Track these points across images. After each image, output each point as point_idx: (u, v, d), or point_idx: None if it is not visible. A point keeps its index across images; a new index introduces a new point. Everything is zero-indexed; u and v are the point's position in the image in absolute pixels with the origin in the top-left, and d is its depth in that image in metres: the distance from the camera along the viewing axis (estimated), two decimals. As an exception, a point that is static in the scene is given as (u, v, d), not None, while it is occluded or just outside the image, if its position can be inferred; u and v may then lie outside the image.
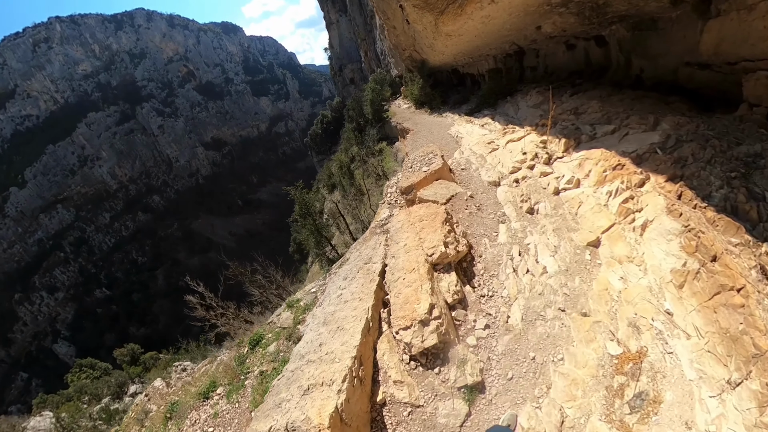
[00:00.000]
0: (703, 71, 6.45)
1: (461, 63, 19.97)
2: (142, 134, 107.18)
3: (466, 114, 16.49)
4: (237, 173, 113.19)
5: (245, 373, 6.85)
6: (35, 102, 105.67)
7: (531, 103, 11.55)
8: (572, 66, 12.70)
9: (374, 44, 55.21)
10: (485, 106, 15.26)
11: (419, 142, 15.10)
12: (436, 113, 20.59)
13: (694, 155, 4.67)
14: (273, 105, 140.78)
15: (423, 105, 22.90)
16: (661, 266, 4.05)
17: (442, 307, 5.14)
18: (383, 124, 28.69)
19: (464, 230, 6.84)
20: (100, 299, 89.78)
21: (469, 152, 10.24)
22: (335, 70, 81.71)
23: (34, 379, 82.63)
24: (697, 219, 3.98)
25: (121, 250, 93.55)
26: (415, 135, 16.97)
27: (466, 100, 19.53)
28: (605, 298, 4.39)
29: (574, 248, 5.23)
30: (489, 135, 10.93)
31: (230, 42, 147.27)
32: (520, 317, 5.04)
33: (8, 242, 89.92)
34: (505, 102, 14.25)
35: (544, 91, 11.70)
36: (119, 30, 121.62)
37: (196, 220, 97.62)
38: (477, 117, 14.70)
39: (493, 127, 11.88)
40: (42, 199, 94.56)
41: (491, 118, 13.02)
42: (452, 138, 13.61)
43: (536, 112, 10.54)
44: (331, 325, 5.31)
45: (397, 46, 23.56)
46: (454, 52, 17.24)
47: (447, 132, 14.86)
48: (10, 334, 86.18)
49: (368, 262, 6.61)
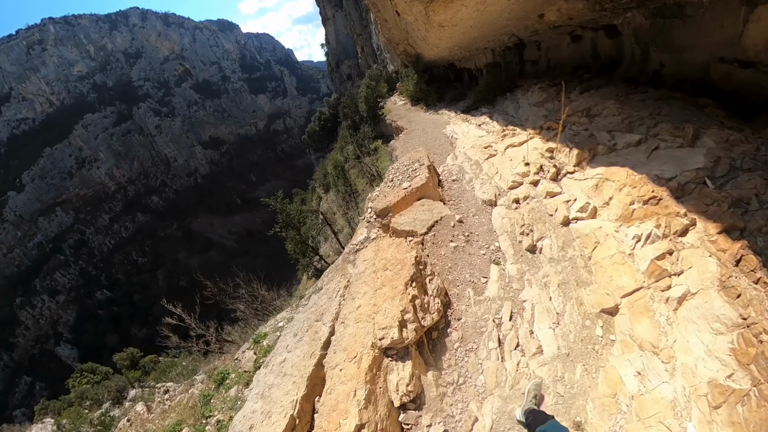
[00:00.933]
0: (745, 70, 5.21)
1: (457, 57, 18.76)
2: (140, 135, 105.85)
3: (462, 112, 15.35)
4: (236, 172, 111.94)
5: (207, 416, 6.34)
6: (31, 105, 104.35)
7: (533, 101, 10.38)
8: (577, 60, 11.51)
9: (370, 39, 53.89)
10: (483, 104, 14.12)
11: (412, 142, 13.95)
12: (432, 110, 19.44)
13: (758, 195, 3.38)
14: (271, 102, 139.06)
15: (419, 102, 21.75)
16: (697, 370, 2.87)
17: (379, 422, 3.79)
18: (378, 121, 27.52)
19: (441, 283, 5.27)
20: (101, 301, 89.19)
21: (464, 158, 9.06)
22: (332, 66, 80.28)
23: (37, 383, 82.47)
24: (762, 306, 2.73)
25: (121, 251, 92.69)
26: (408, 134, 15.82)
27: (464, 96, 18.37)
28: (610, 408, 3.16)
29: (582, 317, 3.94)
30: (486, 137, 9.75)
31: (226, 39, 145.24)
32: (490, 425, 3.64)
33: (8, 246, 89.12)
34: (504, 99, 13.10)
35: (547, 88, 10.53)
36: (114, 30, 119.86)
37: (195, 219, 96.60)
38: (474, 115, 13.57)
39: (491, 127, 10.73)
40: (41, 203, 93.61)
41: (489, 117, 11.88)
42: (447, 139, 12.46)
43: (539, 111, 9.37)
44: (264, 404, 4.30)
45: (390, 41, 22.33)
46: (449, 45, 16.04)
47: (442, 132, 13.73)
48: (13, 339, 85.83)
49: (319, 319, 5.32)
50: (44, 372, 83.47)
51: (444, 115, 17.37)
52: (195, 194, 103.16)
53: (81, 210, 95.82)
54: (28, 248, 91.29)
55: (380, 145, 26.44)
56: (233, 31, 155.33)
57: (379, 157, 25.32)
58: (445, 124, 14.78)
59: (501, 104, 12.82)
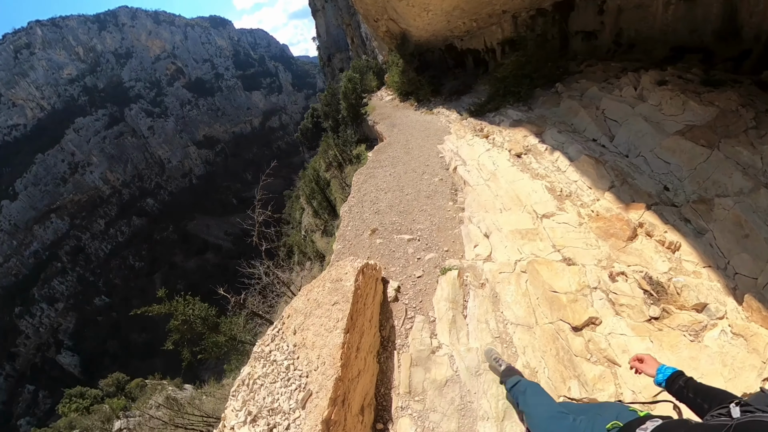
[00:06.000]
0: None
1: (458, 32, 12.75)
2: (132, 136, 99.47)
3: (471, 113, 9.42)
4: (231, 171, 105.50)
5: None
6: (21, 111, 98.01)
7: (654, 110, 4.62)
8: (682, 35, 5.79)
9: (359, 28, 47.67)
10: (508, 100, 8.13)
11: (379, 177, 8.02)
12: (424, 108, 13.56)
13: None
14: (266, 99, 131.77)
15: (408, 96, 15.83)
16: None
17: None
18: (362, 122, 21.59)
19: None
20: (100, 307, 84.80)
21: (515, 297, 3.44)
22: (324, 60, 73.63)
23: (40, 391, 79.71)
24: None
25: (118, 256, 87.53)
26: (381, 152, 9.86)
27: (468, 88, 12.42)
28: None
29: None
30: (543, 197, 4.16)
31: (219, 36, 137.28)
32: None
33: (4, 257, 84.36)
34: (549, 94, 7.20)
35: (666, 75, 4.72)
36: (103, 30, 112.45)
37: (191, 221, 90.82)
38: (494, 121, 7.70)
39: (548, 161, 4.93)
40: (35, 210, 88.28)
41: (533, 134, 6.02)
42: (443, 168, 6.69)
43: (694, 149, 3.61)
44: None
45: (367, 18, 16.24)
46: (446, 10, 10.08)
47: (435, 150, 7.92)
48: (14, 348, 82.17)
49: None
50: (47, 380, 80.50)
51: (441, 115, 11.51)
52: (190, 195, 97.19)
53: (76, 216, 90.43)
54: (24, 257, 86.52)
55: (363, 151, 20.58)
56: (226, 28, 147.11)
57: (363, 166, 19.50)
58: (441, 134, 8.95)
59: (546, 105, 6.92)
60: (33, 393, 78.14)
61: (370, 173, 8.41)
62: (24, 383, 79.52)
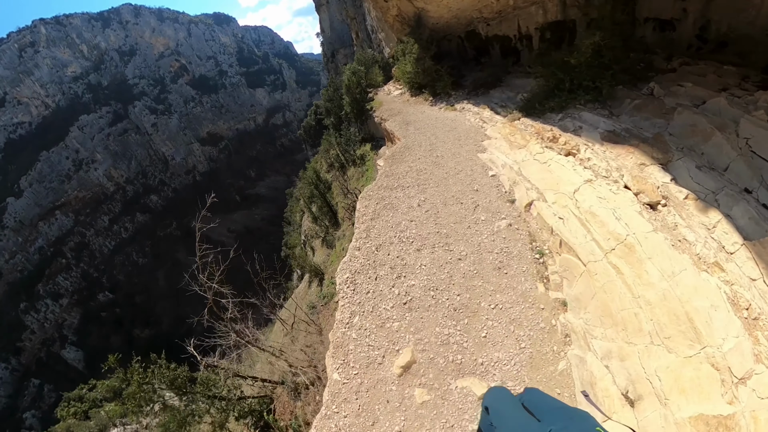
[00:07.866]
0: None
1: (487, 14, 10.39)
2: (136, 133, 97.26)
3: (520, 110, 7.02)
4: (234, 168, 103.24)
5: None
6: (26, 108, 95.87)
7: None
8: None
9: (364, 22, 45.09)
10: (577, 97, 5.70)
11: (402, 211, 5.13)
12: (443, 103, 11.23)
13: None
14: (269, 96, 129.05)
15: (422, 90, 13.46)
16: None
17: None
18: (366, 119, 19.27)
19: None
20: (104, 303, 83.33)
21: None
22: (327, 56, 71.24)
23: (46, 385, 78.79)
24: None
25: (122, 252, 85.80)
26: (397, 161, 7.10)
27: (498, 81, 10.06)
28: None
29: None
30: (741, 334, 2.16)
31: (223, 33, 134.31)
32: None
33: (9, 253, 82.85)
34: (640, 95, 4.88)
35: None
36: (107, 28, 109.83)
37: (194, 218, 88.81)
38: (560, 125, 5.41)
39: (701, 225, 2.71)
40: (40, 207, 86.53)
41: (651, 159, 3.70)
42: (503, 197, 4.36)
43: None
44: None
45: (376, 0, 13.86)
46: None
47: (477, 161, 5.54)
48: (19, 343, 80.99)
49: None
50: (52, 374, 79.55)
51: (467, 112, 9.20)
52: (194, 192, 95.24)
53: (80, 212, 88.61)
54: (29, 253, 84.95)
55: (369, 152, 18.29)
56: (230, 25, 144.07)
57: (367, 170, 17.24)
58: (476, 137, 6.62)
59: (640, 112, 4.60)
60: (38, 387, 77.11)
61: (385, 200, 5.50)
62: (29, 377, 78.47)
